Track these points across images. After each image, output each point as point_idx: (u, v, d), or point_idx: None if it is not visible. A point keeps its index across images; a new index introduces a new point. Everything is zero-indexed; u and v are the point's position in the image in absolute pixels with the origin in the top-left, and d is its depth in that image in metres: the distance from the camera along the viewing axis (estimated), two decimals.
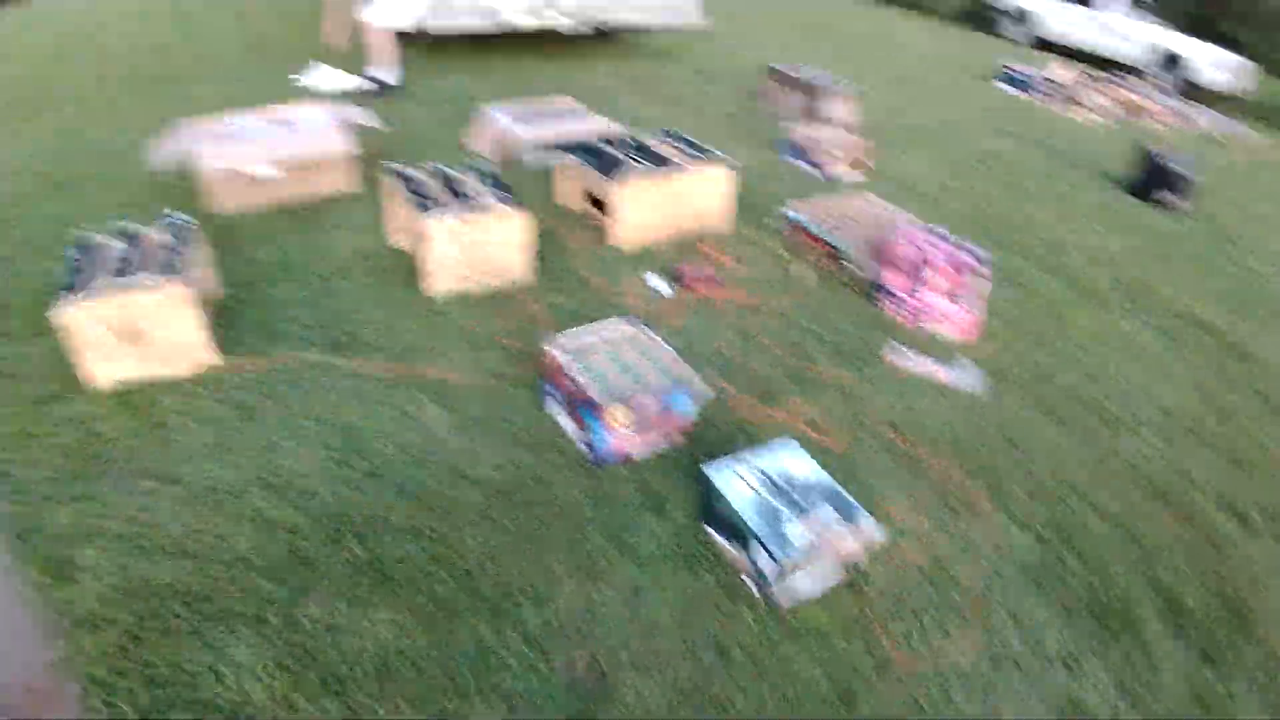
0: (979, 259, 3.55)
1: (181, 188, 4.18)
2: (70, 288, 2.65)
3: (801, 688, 2.06)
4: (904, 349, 3.43)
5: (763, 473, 2.36)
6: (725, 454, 2.70)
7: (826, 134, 5.66)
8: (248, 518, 2.33)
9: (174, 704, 1.84)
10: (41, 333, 2.97)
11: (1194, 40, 12.04)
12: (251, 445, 2.60)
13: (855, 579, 2.33)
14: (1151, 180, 6.10)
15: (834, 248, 4.04)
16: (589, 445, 2.62)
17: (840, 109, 6.46)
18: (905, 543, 2.50)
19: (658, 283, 3.76)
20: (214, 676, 1.90)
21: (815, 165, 5.52)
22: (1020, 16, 15.04)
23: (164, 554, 2.19)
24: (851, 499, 2.32)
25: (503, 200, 3.49)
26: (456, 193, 3.51)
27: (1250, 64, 11.55)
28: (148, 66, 6.82)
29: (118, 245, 2.96)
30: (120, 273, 2.74)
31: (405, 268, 3.66)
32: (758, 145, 5.95)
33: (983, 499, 2.75)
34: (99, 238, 3.01)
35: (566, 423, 2.74)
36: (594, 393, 2.52)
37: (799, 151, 5.62)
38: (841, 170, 5.51)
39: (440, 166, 3.78)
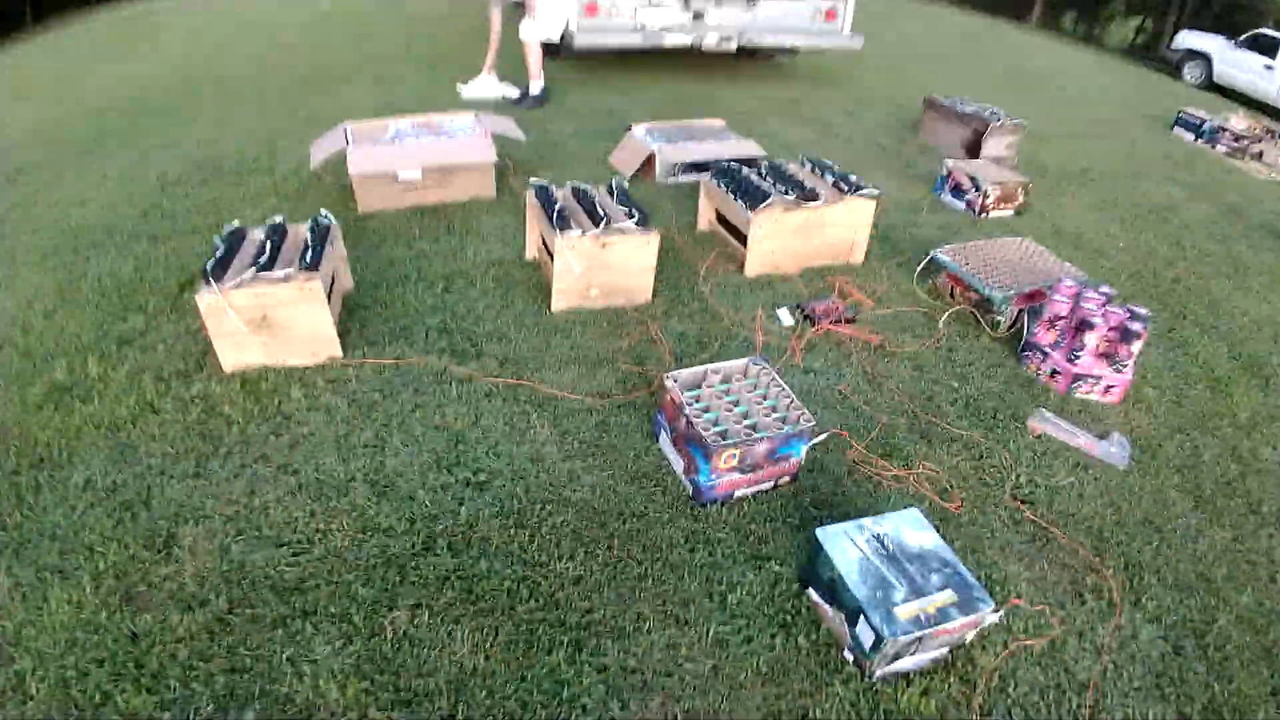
0: (1140, 320, 3.22)
1: (330, 185, 4.38)
2: (212, 273, 2.76)
3: None
4: (1049, 415, 3.13)
5: (878, 539, 2.17)
6: (834, 505, 2.55)
7: (984, 170, 5.34)
8: (348, 513, 2.35)
9: (249, 694, 1.85)
10: (176, 311, 3.14)
11: None
12: (362, 441, 2.64)
13: (961, 660, 2.11)
14: None
15: (984, 297, 3.74)
16: (693, 483, 2.51)
17: (1001, 144, 6.10)
18: (1022, 626, 2.25)
19: (784, 316, 3.61)
20: (293, 671, 1.90)
21: (969, 203, 5.22)
22: (1196, 59, 14.36)
23: (263, 540, 2.24)
24: (971, 578, 2.09)
25: (636, 221, 3.44)
26: (593, 212, 3.49)
27: None
28: (311, 66, 7.24)
29: (262, 237, 3.09)
30: (261, 264, 2.85)
31: (534, 280, 3.67)
32: (909, 178, 5.70)
33: (1113, 586, 2.46)
34: (247, 228, 3.15)
35: (674, 456, 2.64)
36: (707, 434, 2.41)
37: (953, 187, 5.33)
38: (998, 209, 5.19)
39: (580, 185, 3.78)
